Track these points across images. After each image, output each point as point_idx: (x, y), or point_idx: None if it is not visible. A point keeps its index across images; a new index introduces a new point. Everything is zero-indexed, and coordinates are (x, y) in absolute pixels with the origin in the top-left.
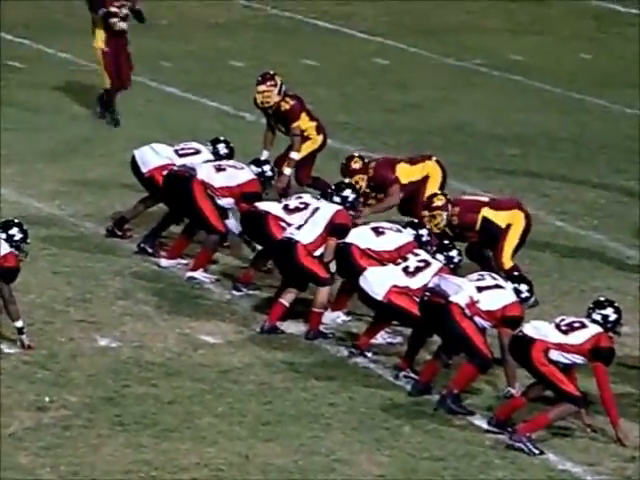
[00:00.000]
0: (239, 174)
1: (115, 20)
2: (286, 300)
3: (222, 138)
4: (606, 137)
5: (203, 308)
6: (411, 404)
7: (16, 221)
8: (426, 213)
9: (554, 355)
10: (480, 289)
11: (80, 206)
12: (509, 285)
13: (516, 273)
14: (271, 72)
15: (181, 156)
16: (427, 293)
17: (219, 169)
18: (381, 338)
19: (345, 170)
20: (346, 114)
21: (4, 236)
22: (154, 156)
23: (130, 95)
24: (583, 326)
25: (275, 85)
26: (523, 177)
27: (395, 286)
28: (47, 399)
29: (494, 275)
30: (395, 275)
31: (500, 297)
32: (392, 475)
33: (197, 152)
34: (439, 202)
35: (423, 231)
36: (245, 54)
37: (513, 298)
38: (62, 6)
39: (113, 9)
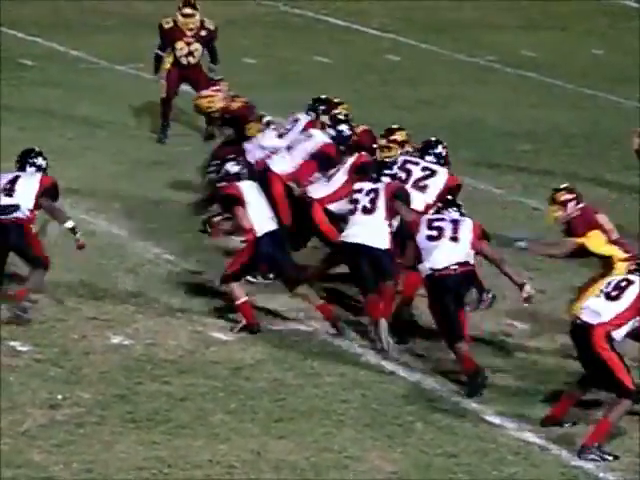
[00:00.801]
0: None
1: (179, 53)
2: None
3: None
4: (618, 133)
5: (215, 305)
6: (423, 400)
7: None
8: (383, 142)
9: (617, 334)
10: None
11: (92, 203)
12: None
13: None
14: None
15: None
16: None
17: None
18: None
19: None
20: (358, 110)
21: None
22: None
23: (146, 91)
24: (629, 282)
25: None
26: (535, 174)
27: None
28: (60, 396)
29: None
30: None
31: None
32: (405, 471)
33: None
34: (399, 137)
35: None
36: (257, 51)
37: None
38: (73, 4)
39: (180, 45)
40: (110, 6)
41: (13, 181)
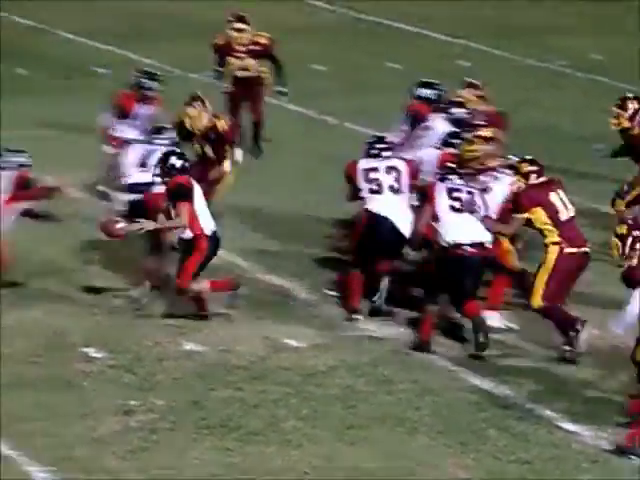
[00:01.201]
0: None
1: (232, 68)
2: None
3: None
4: None
5: (287, 311)
6: (496, 407)
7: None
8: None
9: None
10: None
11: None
12: None
13: None
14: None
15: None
16: None
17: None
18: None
19: None
20: None
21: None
22: None
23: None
24: None
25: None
26: (609, 181)
27: None
28: (133, 403)
29: None
30: None
31: None
32: (478, 478)
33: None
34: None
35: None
36: (327, 58)
37: None
38: (147, 13)
39: (232, 61)
40: (183, 14)
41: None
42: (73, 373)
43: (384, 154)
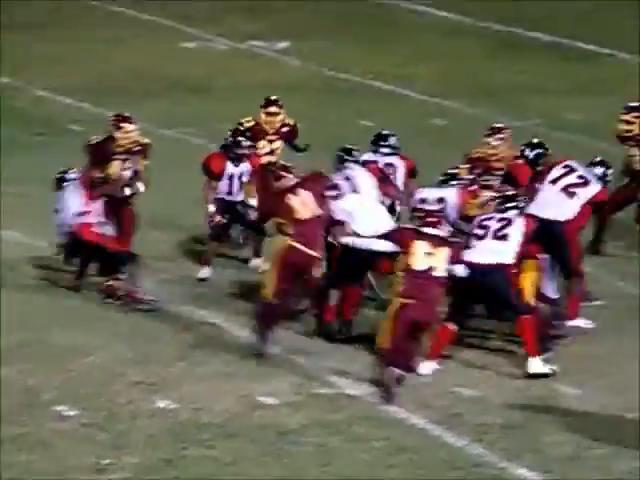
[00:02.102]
0: None
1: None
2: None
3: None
4: None
5: (262, 368)
6: (470, 465)
7: None
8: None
9: None
10: None
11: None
12: None
13: None
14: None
15: None
16: None
17: None
18: None
19: None
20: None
21: None
22: None
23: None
24: None
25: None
26: None
27: None
28: (106, 461)
29: None
30: None
31: None
32: None
33: None
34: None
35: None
36: (302, 115)
37: None
38: (122, 70)
39: (262, 144)
40: (157, 72)
41: None
42: (46, 432)
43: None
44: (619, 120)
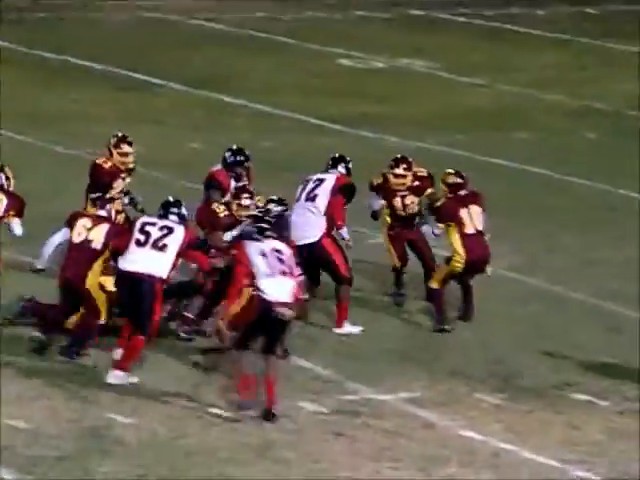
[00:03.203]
0: None
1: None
2: None
3: None
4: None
5: None
6: None
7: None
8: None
9: None
10: None
11: None
12: None
13: None
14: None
15: None
16: None
17: None
18: None
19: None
20: None
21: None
22: None
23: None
24: None
25: None
26: None
27: None
28: None
29: None
30: None
31: None
32: None
33: None
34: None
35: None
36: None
37: None
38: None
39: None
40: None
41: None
42: None
43: None
44: (387, 173)
